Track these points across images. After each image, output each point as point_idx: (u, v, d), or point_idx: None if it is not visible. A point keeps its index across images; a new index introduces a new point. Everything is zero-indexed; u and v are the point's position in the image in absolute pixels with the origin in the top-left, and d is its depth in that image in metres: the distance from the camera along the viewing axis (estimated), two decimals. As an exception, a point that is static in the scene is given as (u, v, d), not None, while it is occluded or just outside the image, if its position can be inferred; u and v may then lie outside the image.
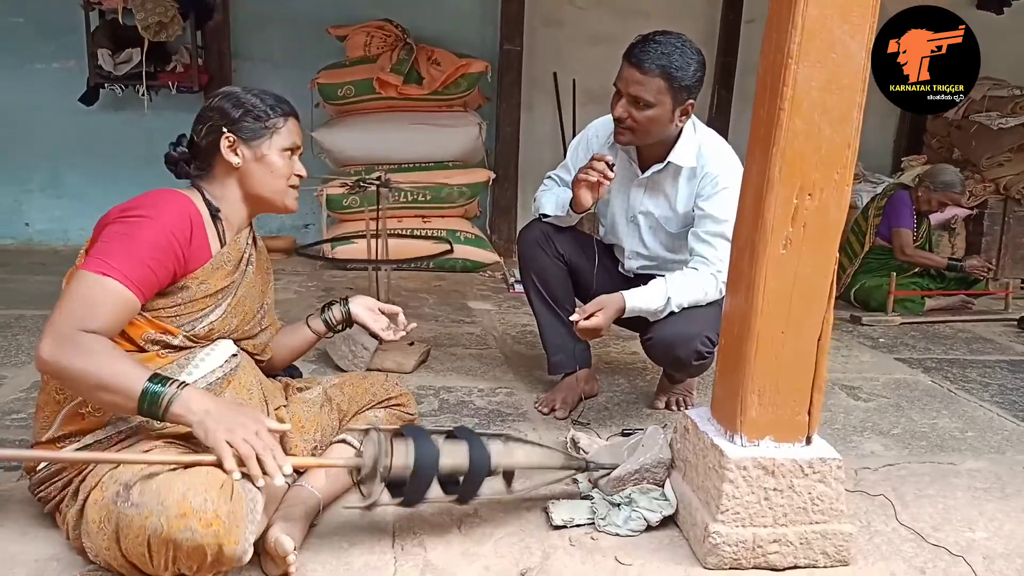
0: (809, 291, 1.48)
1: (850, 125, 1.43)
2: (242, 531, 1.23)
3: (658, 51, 1.97)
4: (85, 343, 1.32)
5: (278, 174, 1.62)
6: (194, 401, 1.32)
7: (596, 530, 1.64)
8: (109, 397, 1.32)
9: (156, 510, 1.20)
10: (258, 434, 1.31)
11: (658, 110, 2.01)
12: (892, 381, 2.90)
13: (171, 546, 1.20)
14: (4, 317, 3.10)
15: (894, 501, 1.86)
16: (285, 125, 1.62)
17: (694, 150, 2.14)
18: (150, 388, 1.30)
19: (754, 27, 5.30)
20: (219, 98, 1.60)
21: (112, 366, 1.31)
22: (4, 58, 4.59)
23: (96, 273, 1.36)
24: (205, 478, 1.25)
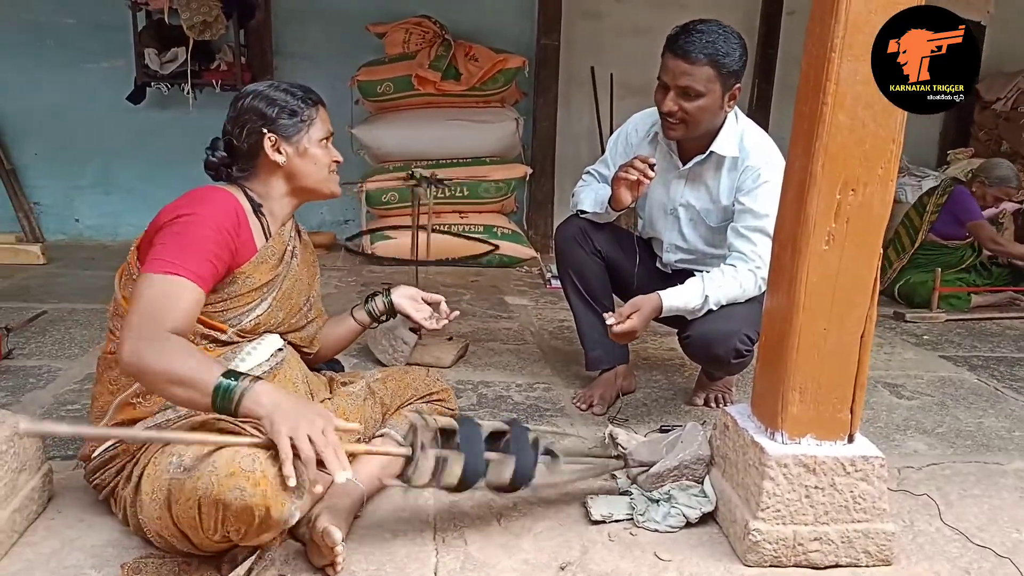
0: (852, 287, 1.47)
1: (894, 119, 1.41)
2: (290, 494, 1.24)
3: (703, 39, 1.95)
4: (162, 342, 1.34)
5: (320, 164, 1.66)
6: (264, 395, 1.30)
7: (635, 525, 1.65)
8: (184, 393, 1.33)
9: (207, 471, 1.23)
10: (324, 432, 1.28)
11: (708, 99, 2.00)
12: (936, 379, 2.85)
13: (220, 507, 1.22)
14: (57, 311, 3.20)
15: (938, 501, 1.83)
16: (318, 116, 1.66)
17: (736, 140, 2.13)
18: (223, 383, 1.30)
19: (795, 19, 5.23)
20: (250, 98, 1.62)
21: (187, 363, 1.32)
22: (56, 57, 4.72)
23: (162, 273, 1.40)
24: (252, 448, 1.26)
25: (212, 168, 1.67)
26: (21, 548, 1.47)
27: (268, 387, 1.33)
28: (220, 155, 1.65)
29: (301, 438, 1.25)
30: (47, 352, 2.68)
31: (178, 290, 1.40)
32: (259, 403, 1.29)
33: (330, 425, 1.30)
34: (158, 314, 1.37)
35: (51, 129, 4.79)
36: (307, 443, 1.25)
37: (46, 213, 4.93)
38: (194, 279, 1.42)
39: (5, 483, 1.45)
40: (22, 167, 4.83)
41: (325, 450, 1.25)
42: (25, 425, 1.36)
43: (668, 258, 2.37)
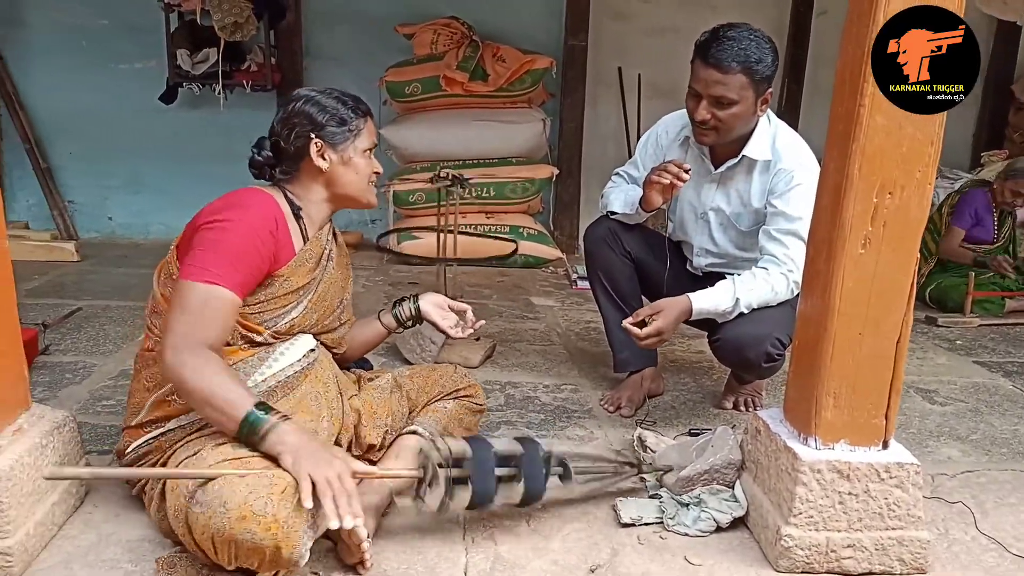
0: (888, 291, 1.45)
1: (933, 122, 1.39)
2: (300, 536, 1.27)
3: (735, 47, 1.93)
4: (203, 359, 1.39)
5: (362, 174, 1.68)
6: (290, 435, 1.34)
7: (664, 529, 1.64)
8: (213, 414, 1.38)
9: (218, 512, 1.25)
10: (340, 477, 1.31)
11: (742, 106, 1.99)
12: (970, 385, 2.81)
13: (233, 545, 1.25)
14: (92, 308, 3.25)
15: (973, 509, 1.80)
16: (365, 127, 1.68)
17: (768, 143, 2.11)
18: (252, 414, 1.34)
19: (826, 19, 5.18)
20: (302, 102, 1.64)
21: (221, 387, 1.37)
22: (91, 58, 4.80)
23: (202, 283, 1.43)
24: (269, 482, 1.29)
25: (256, 167, 1.69)
26: (60, 541, 1.50)
27: (294, 427, 1.38)
28: (266, 155, 1.67)
29: (320, 478, 1.29)
30: (82, 348, 2.73)
31: (218, 302, 1.44)
32: (283, 441, 1.33)
33: (347, 471, 1.34)
34: (200, 326, 1.41)
35: (85, 129, 4.87)
36: (324, 484, 1.29)
37: (80, 211, 5.01)
38: (233, 288, 1.45)
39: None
40: (57, 166, 4.91)
41: (339, 496, 1.30)
42: (49, 470, 1.46)
43: (698, 262, 2.35)
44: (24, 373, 1.55)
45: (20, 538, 1.38)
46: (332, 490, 1.29)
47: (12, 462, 1.38)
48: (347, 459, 1.41)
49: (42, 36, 4.75)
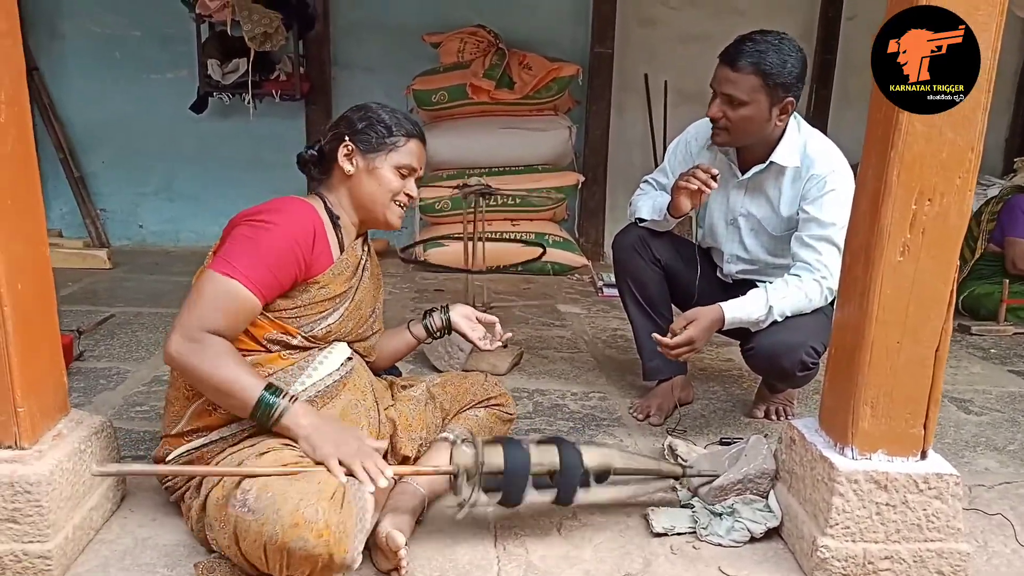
0: (927, 299, 1.43)
1: (973, 127, 1.37)
2: (351, 540, 1.27)
3: (751, 49, 1.94)
4: (209, 345, 1.41)
5: (385, 188, 1.66)
6: (302, 416, 1.41)
7: (697, 539, 1.63)
8: (225, 399, 1.43)
9: (271, 519, 1.26)
10: (360, 448, 1.40)
11: (752, 108, 1.98)
12: (1006, 394, 2.76)
13: (285, 553, 1.26)
14: (125, 315, 3.29)
15: (1013, 521, 1.77)
16: (406, 145, 1.67)
17: (798, 150, 2.09)
18: (265, 397, 1.39)
19: (854, 24, 5.12)
20: (352, 109, 1.67)
21: (232, 371, 1.40)
22: (124, 69, 4.87)
23: (221, 274, 1.45)
24: (317, 488, 1.29)
25: (301, 163, 1.72)
26: (97, 545, 1.52)
27: (307, 408, 1.43)
28: (311, 153, 1.70)
29: (344, 453, 1.38)
30: (116, 354, 2.77)
31: (234, 296, 1.45)
32: (297, 423, 1.39)
33: (363, 444, 1.43)
34: (209, 314, 1.43)
35: (117, 138, 4.94)
36: (352, 459, 1.38)
37: (111, 219, 5.08)
38: (253, 288, 1.46)
39: (84, 481, 1.50)
40: (90, 175, 4.99)
41: (367, 461, 1.38)
42: (96, 468, 1.48)
43: (729, 269, 2.34)
44: (63, 379, 1.57)
45: (59, 542, 1.40)
46: (359, 458, 1.38)
47: (52, 466, 1.40)
48: (359, 433, 1.48)
49: (77, 47, 4.84)
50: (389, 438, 1.69)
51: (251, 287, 1.46)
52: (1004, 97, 5.50)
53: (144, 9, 4.79)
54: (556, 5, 5.05)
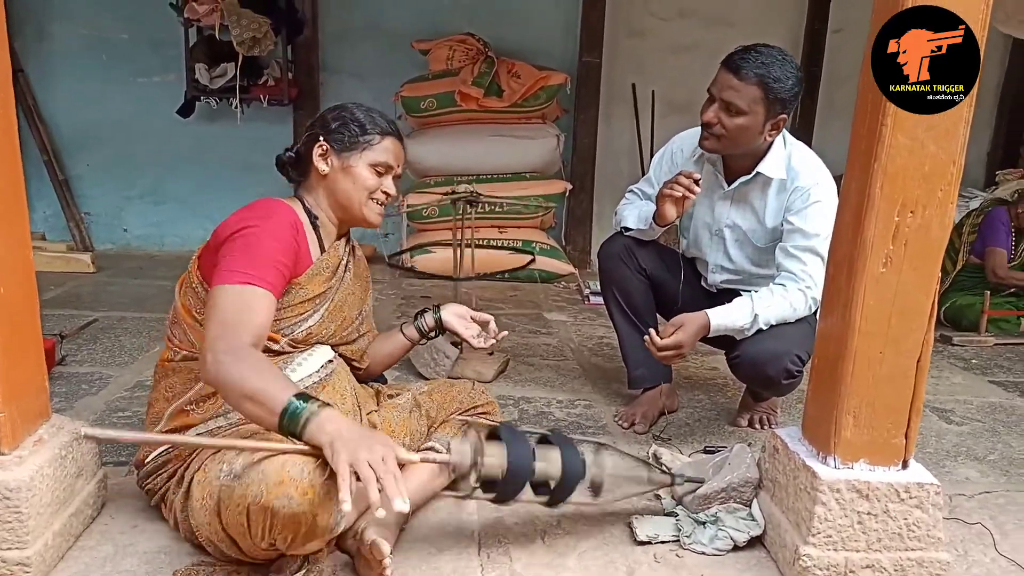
0: (909, 311, 1.45)
1: (956, 141, 1.39)
2: (336, 503, 1.25)
3: (758, 60, 1.95)
4: (241, 356, 1.36)
5: (360, 186, 1.66)
6: (329, 422, 1.28)
7: (681, 547, 1.63)
8: (254, 409, 1.32)
9: (256, 479, 1.25)
10: (384, 460, 1.24)
11: (749, 119, 1.99)
12: (987, 404, 2.78)
13: (268, 514, 1.24)
14: (108, 319, 3.27)
15: (992, 530, 1.79)
16: (381, 143, 1.67)
17: (783, 162, 2.11)
18: (292, 404, 1.29)
19: (840, 36, 5.18)
20: (328, 110, 1.68)
21: (261, 379, 1.33)
22: (111, 72, 4.85)
23: (237, 284, 1.43)
24: (303, 456, 1.27)
25: (279, 165, 1.72)
26: (77, 552, 1.51)
27: (335, 414, 1.31)
28: (288, 155, 1.70)
29: (361, 464, 1.22)
30: (98, 359, 2.75)
31: (253, 299, 1.44)
32: (323, 430, 1.27)
33: (391, 453, 1.27)
34: (237, 325, 1.40)
35: (103, 141, 4.92)
36: (367, 467, 1.21)
37: (96, 223, 5.05)
38: (267, 287, 1.46)
39: (64, 487, 1.49)
40: (74, 177, 4.96)
41: (385, 476, 1.22)
42: (87, 430, 1.43)
43: (714, 279, 2.35)
44: (45, 384, 1.56)
45: (38, 548, 1.39)
46: (376, 473, 1.21)
47: (33, 472, 1.38)
48: (389, 444, 1.31)
49: (64, 50, 4.81)
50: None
51: (267, 286, 1.45)
52: (986, 111, 5.58)
53: (133, 12, 4.78)
54: (545, 15, 5.09)
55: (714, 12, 5.13)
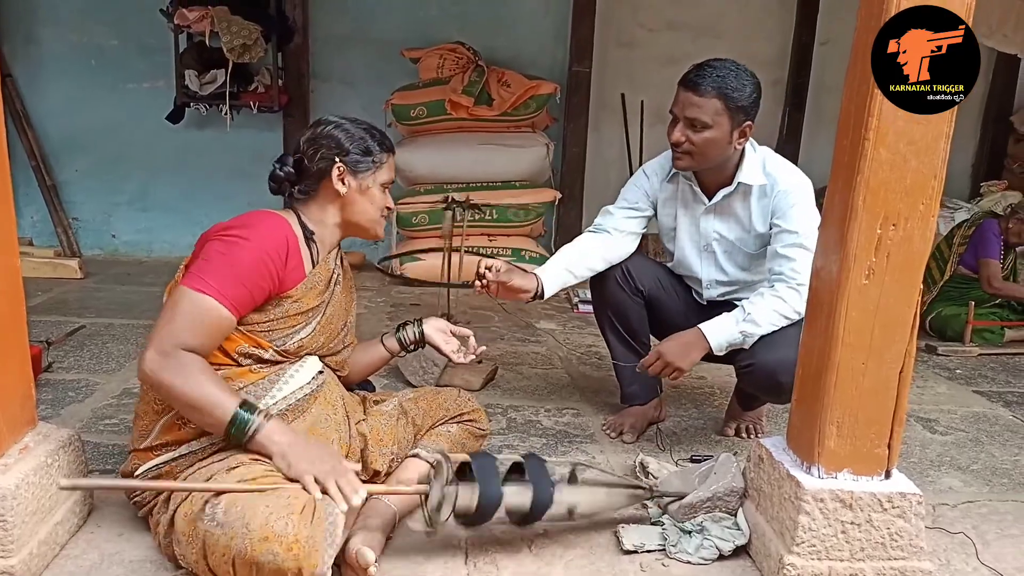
0: (891, 322, 1.47)
1: (936, 156, 1.41)
2: (321, 555, 1.27)
3: (713, 74, 2.00)
4: (184, 362, 1.40)
5: (377, 205, 1.71)
6: (277, 433, 1.41)
7: (667, 556, 1.64)
8: (199, 417, 1.42)
9: (240, 533, 1.26)
10: (334, 467, 1.40)
11: (715, 131, 2.03)
12: (971, 414, 2.81)
13: (254, 567, 1.26)
14: (95, 326, 3.26)
15: (975, 540, 1.80)
16: (387, 162, 1.71)
17: (759, 168, 2.15)
18: (239, 415, 1.38)
19: (827, 48, 5.23)
20: (333, 127, 1.66)
21: (206, 388, 1.39)
22: (101, 78, 4.84)
23: (195, 291, 1.44)
24: (287, 502, 1.30)
25: (276, 181, 1.69)
26: (63, 560, 1.50)
27: (281, 426, 1.42)
28: (288, 171, 1.68)
29: (321, 472, 1.38)
30: (85, 366, 2.73)
31: (207, 313, 1.44)
32: (271, 440, 1.38)
33: (339, 460, 1.44)
34: (183, 331, 1.42)
35: (92, 147, 4.91)
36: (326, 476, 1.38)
37: (84, 228, 5.03)
38: (227, 303, 1.46)
39: (50, 495, 1.48)
40: (62, 183, 4.94)
41: (340, 479, 1.38)
42: (65, 481, 1.46)
43: (709, 294, 2.35)
44: (32, 392, 1.55)
45: (23, 557, 1.39)
46: (334, 476, 1.38)
47: (18, 480, 1.38)
48: (334, 452, 1.49)
49: (53, 55, 4.80)
50: (360, 452, 1.69)
51: (225, 303, 1.46)
52: (971, 123, 5.65)
53: (123, 18, 4.78)
54: (535, 25, 5.12)
55: (703, 24, 5.17)
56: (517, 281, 2.14)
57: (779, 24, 5.30)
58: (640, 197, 2.33)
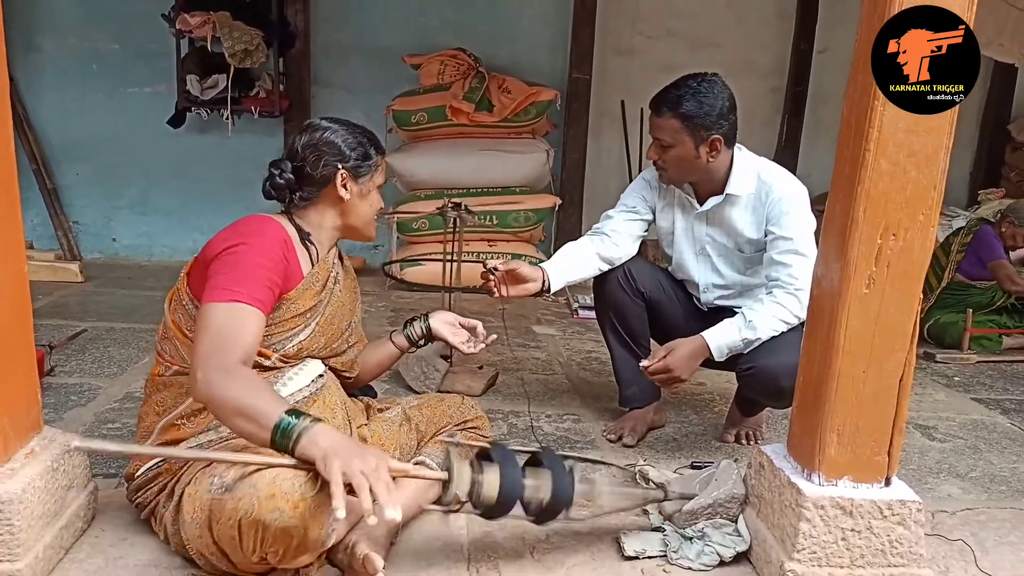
0: (891, 331, 1.48)
1: (936, 167, 1.43)
2: (326, 516, 1.27)
3: (671, 95, 2.09)
4: (232, 373, 1.37)
5: (375, 208, 1.75)
6: (322, 436, 1.29)
7: (668, 563, 1.65)
8: (246, 425, 1.33)
9: (248, 493, 1.27)
10: (377, 469, 1.25)
11: (679, 149, 2.12)
12: (969, 422, 2.82)
13: (260, 527, 1.26)
14: (96, 330, 3.26)
15: (974, 547, 1.81)
16: (382, 164, 1.75)
17: (752, 178, 2.18)
18: (284, 420, 1.30)
19: (825, 57, 5.26)
20: (329, 132, 1.67)
21: (252, 395, 1.34)
22: (102, 83, 4.86)
23: (226, 302, 1.44)
24: (294, 470, 1.29)
25: (276, 189, 1.68)
26: (68, 564, 1.51)
27: (327, 429, 1.31)
28: (288, 177, 1.67)
29: (354, 473, 1.22)
30: (87, 370, 2.74)
31: (242, 318, 1.45)
32: (316, 444, 1.28)
33: (384, 463, 1.28)
34: (226, 343, 1.41)
35: (93, 151, 4.92)
36: (360, 476, 1.22)
37: (84, 232, 5.04)
38: (256, 304, 1.47)
39: (55, 500, 1.49)
40: (64, 187, 4.96)
41: (377, 484, 1.22)
42: (78, 442, 1.42)
43: (707, 298, 2.37)
44: (38, 397, 1.56)
45: (29, 561, 1.39)
46: (369, 481, 1.22)
47: (24, 485, 1.39)
48: (382, 455, 1.32)
49: (55, 60, 4.82)
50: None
51: (256, 304, 1.46)
52: (968, 132, 5.68)
53: (124, 23, 4.80)
54: (535, 32, 5.14)
55: (701, 33, 5.20)
56: (525, 270, 2.20)
57: (778, 33, 5.32)
58: (639, 202, 2.37)
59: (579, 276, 2.34)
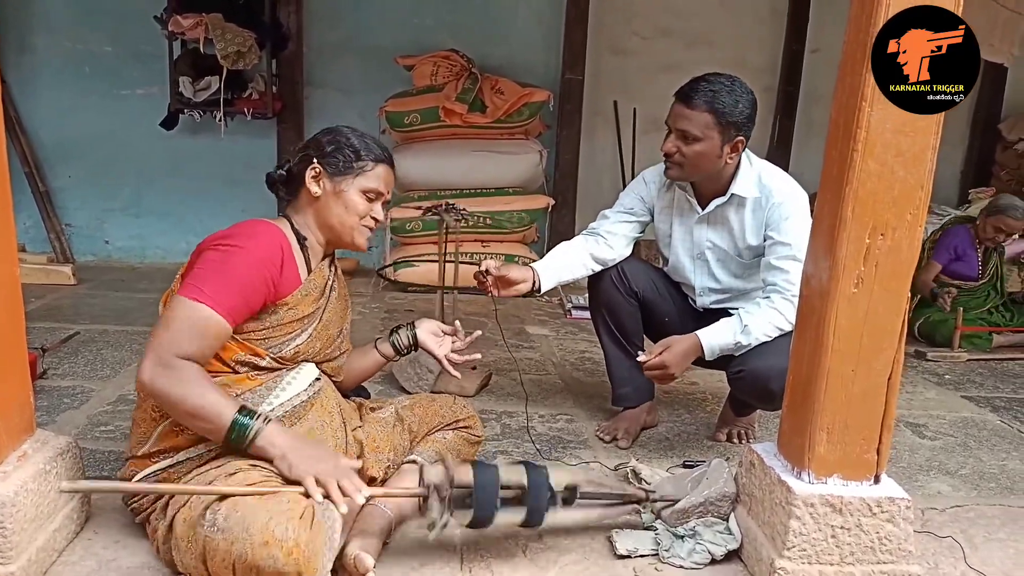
0: (880, 329, 1.49)
1: (924, 167, 1.44)
2: (320, 559, 1.29)
3: (706, 88, 2.04)
4: (181, 370, 1.41)
5: (351, 211, 1.68)
6: (277, 436, 1.42)
7: (660, 561, 1.66)
8: (199, 424, 1.43)
9: (241, 537, 1.27)
10: (336, 466, 1.41)
11: (705, 144, 2.07)
12: (959, 419, 2.84)
13: (255, 572, 1.27)
14: (89, 332, 3.26)
15: (963, 543, 1.83)
16: (373, 169, 1.69)
17: (754, 181, 2.18)
18: (239, 420, 1.39)
19: (818, 57, 5.28)
20: (323, 132, 1.70)
21: (204, 396, 1.41)
22: (94, 84, 4.85)
23: (191, 300, 1.45)
24: (287, 507, 1.31)
25: (269, 183, 1.75)
26: (60, 567, 1.51)
27: (281, 429, 1.42)
28: (279, 173, 1.72)
29: (320, 471, 1.39)
30: (80, 373, 2.74)
31: (203, 322, 1.46)
32: (272, 443, 1.38)
33: (340, 461, 1.46)
34: (179, 339, 1.43)
35: (86, 153, 4.91)
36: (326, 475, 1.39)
37: (77, 234, 5.03)
38: (223, 311, 1.47)
39: (48, 502, 1.49)
40: (56, 189, 4.94)
41: (343, 479, 1.40)
42: (66, 484, 1.47)
43: (703, 301, 2.38)
44: (30, 399, 1.56)
45: (22, 564, 1.39)
46: (335, 476, 1.39)
47: (17, 488, 1.39)
48: (335, 453, 1.50)
49: (47, 61, 4.80)
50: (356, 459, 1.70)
51: (221, 311, 1.47)
52: (959, 131, 5.71)
53: (117, 25, 4.79)
54: (528, 32, 5.15)
55: (695, 33, 5.22)
56: (514, 273, 2.23)
57: (770, 33, 5.35)
58: (637, 203, 2.37)
59: (570, 276, 2.35)
